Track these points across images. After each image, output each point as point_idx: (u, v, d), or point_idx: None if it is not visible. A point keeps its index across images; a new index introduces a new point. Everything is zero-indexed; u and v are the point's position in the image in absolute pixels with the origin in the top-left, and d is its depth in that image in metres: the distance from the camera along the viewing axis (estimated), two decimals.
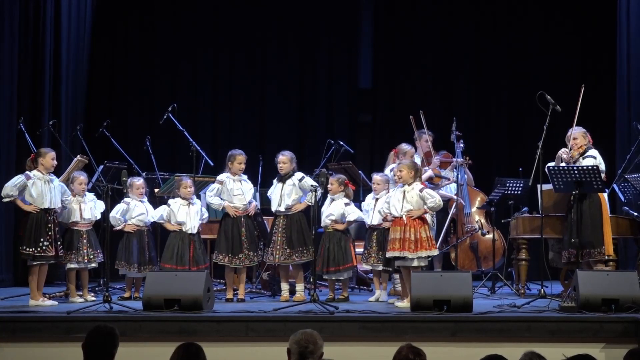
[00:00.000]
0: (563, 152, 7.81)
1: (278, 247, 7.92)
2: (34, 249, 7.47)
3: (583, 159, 7.72)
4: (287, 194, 7.96)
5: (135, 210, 8.22)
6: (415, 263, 7.25)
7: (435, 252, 7.52)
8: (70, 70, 10.34)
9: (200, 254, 8.08)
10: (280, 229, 7.95)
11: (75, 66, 10.41)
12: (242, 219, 8.00)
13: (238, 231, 7.96)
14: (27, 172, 7.60)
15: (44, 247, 7.48)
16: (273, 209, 8.04)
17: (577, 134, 7.83)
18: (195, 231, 8.07)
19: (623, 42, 10.08)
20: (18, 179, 7.59)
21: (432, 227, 8.40)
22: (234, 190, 8.01)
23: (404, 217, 7.28)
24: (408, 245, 7.23)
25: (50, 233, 7.53)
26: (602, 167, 7.68)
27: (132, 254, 8.12)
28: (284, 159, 8.03)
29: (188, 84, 11.51)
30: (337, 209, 8.02)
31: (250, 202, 8.09)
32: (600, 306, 6.59)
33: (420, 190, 7.35)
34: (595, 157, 7.70)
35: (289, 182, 7.98)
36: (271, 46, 11.52)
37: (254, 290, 8.64)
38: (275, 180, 8.12)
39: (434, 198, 7.36)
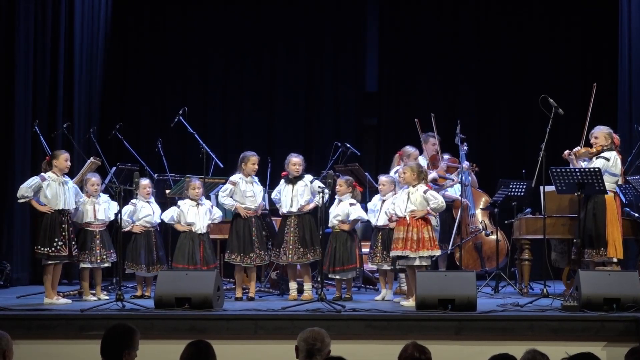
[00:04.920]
0: (567, 154, 7.81)
1: (291, 246, 8.02)
2: (48, 249, 7.61)
3: (596, 159, 7.66)
4: (300, 195, 8.09)
5: (142, 212, 8.26)
6: (417, 262, 7.38)
7: (437, 252, 7.59)
8: (84, 74, 10.44)
9: (210, 253, 8.20)
10: (292, 229, 8.05)
11: (88, 70, 10.51)
12: (253, 219, 8.13)
13: (249, 231, 8.08)
14: (42, 173, 7.74)
15: (58, 247, 7.62)
16: (284, 209, 8.14)
17: (598, 133, 7.72)
18: (204, 231, 8.18)
19: (624, 45, 10.14)
20: (33, 180, 7.73)
21: (436, 228, 8.54)
22: (247, 191, 8.12)
23: (407, 217, 7.44)
24: (410, 245, 7.38)
25: (64, 233, 7.67)
26: (615, 170, 7.61)
27: (140, 255, 8.17)
28: (300, 162, 8.15)
29: (198, 88, 11.62)
30: (343, 209, 8.13)
31: (259, 203, 8.21)
32: (602, 305, 6.65)
33: (425, 192, 7.49)
34: (608, 159, 7.59)
35: (300, 183, 8.12)
36: (279, 50, 11.62)
37: (263, 289, 8.74)
38: (283, 182, 8.23)
39: (436, 200, 7.50)
